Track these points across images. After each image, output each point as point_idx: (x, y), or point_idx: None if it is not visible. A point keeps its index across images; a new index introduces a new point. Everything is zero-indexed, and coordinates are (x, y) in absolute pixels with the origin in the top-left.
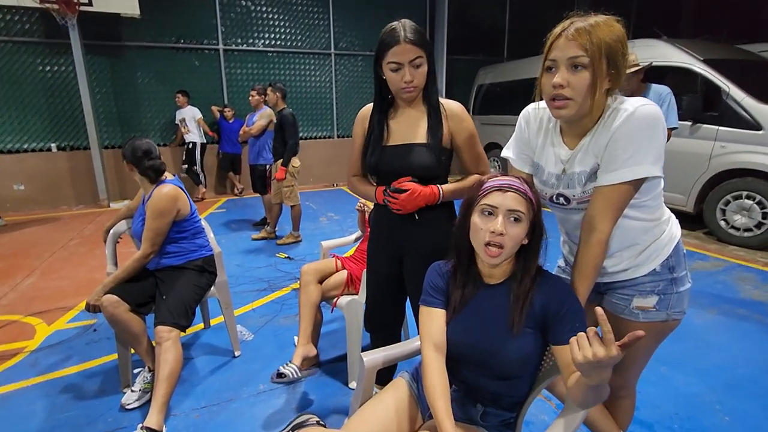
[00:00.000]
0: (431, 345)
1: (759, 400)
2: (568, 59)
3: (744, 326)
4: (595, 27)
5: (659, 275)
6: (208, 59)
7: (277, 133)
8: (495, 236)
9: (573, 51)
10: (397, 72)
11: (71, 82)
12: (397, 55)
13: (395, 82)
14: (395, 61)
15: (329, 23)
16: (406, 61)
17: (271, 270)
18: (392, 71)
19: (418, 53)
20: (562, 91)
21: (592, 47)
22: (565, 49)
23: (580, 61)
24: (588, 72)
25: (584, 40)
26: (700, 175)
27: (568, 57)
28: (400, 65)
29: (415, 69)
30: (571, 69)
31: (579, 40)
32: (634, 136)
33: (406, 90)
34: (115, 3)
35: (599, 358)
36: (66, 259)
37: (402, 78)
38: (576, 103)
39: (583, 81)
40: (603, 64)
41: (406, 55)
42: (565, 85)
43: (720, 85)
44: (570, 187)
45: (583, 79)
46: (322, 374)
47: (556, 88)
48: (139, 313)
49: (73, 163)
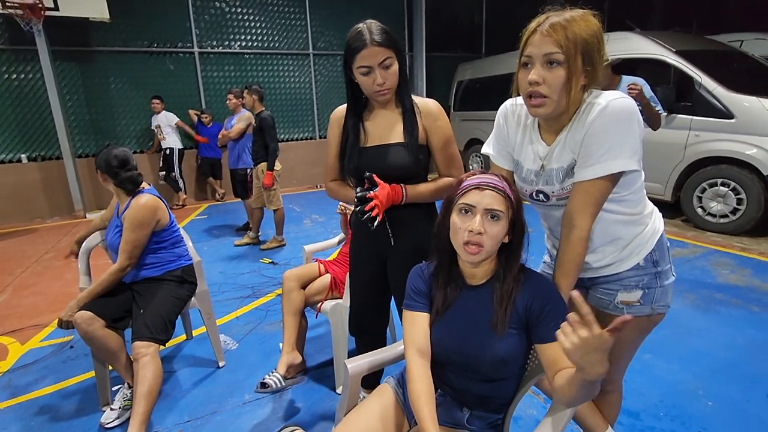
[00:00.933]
0: (415, 350)
1: (739, 383)
2: (543, 56)
3: (722, 311)
4: (570, 22)
5: (643, 269)
6: (183, 63)
7: (257, 136)
8: (473, 235)
9: (548, 47)
10: (368, 75)
11: (40, 90)
12: (366, 58)
13: (368, 86)
14: (365, 65)
15: (306, 23)
16: (375, 64)
17: (254, 276)
18: (363, 75)
19: (386, 54)
20: (538, 88)
21: (568, 43)
22: (540, 46)
23: (555, 58)
24: (563, 69)
25: (559, 36)
26: (676, 164)
27: (543, 53)
28: (370, 68)
29: (385, 70)
30: (546, 65)
31: (554, 36)
32: (608, 131)
33: (380, 93)
34: (83, 7)
35: (585, 339)
36: (40, 273)
37: (374, 81)
38: (552, 100)
39: (559, 78)
40: (578, 61)
41: (375, 58)
42: (541, 82)
43: (692, 76)
44: (549, 184)
45: (559, 76)
46: (309, 380)
47: (532, 85)
48: (115, 329)
49: (45, 173)
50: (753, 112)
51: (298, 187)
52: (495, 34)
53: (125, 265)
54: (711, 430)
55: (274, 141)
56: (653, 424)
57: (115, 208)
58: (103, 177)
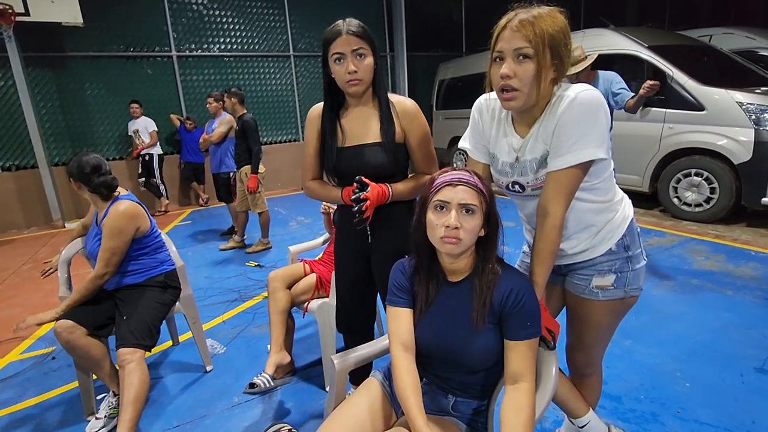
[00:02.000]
0: (399, 345)
1: (715, 364)
2: (513, 50)
3: (698, 295)
4: (538, 18)
5: (615, 254)
6: (161, 67)
7: (240, 139)
8: (450, 230)
9: (518, 42)
10: (341, 63)
11: (12, 98)
12: (339, 46)
13: (340, 75)
14: (338, 51)
15: (286, 25)
16: (348, 51)
17: (241, 279)
18: (336, 63)
19: (360, 44)
20: (510, 81)
21: (536, 38)
22: (510, 41)
23: (524, 52)
24: (533, 63)
25: (528, 32)
26: (652, 156)
27: (513, 48)
28: (342, 55)
29: (358, 59)
30: (516, 59)
31: (523, 32)
32: (577, 122)
33: (351, 82)
34: (55, 12)
35: None
36: (19, 285)
37: (346, 69)
38: (523, 93)
39: (529, 71)
40: (547, 55)
41: (348, 46)
42: (512, 75)
43: (665, 70)
44: (523, 175)
45: (529, 69)
46: (299, 380)
47: (504, 78)
48: (98, 336)
49: (20, 183)
50: (722, 104)
51: (282, 190)
52: (475, 32)
53: (102, 272)
54: (689, 409)
55: (257, 144)
56: (634, 406)
57: (94, 215)
58: (77, 185)
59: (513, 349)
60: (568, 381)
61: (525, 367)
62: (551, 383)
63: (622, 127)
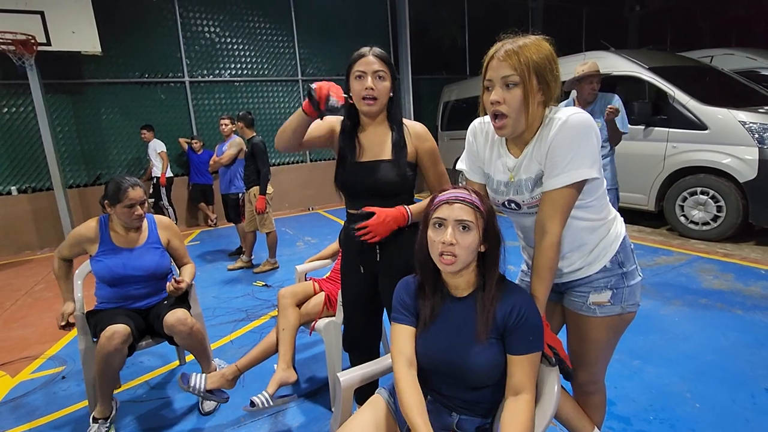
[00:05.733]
0: (403, 361)
1: (725, 385)
2: (501, 78)
3: (707, 315)
4: (522, 48)
5: (610, 271)
6: (174, 92)
7: (249, 161)
8: (446, 246)
9: (504, 71)
10: (361, 80)
11: (31, 123)
12: (362, 65)
13: (357, 91)
14: (360, 69)
15: (294, 51)
16: (369, 71)
17: (248, 299)
18: (356, 80)
19: (381, 67)
20: (499, 107)
21: (521, 66)
22: (497, 69)
23: (511, 80)
24: (519, 89)
25: (513, 61)
26: (657, 175)
27: (501, 77)
28: (363, 73)
29: (377, 80)
30: (504, 87)
31: (509, 61)
32: (569, 143)
33: (366, 100)
34: (76, 41)
35: None
36: (30, 305)
37: (364, 86)
38: (512, 119)
39: (516, 98)
40: (533, 81)
41: (371, 66)
42: (501, 101)
43: (666, 91)
44: (519, 193)
45: (516, 96)
46: (305, 400)
47: (494, 104)
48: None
49: (35, 205)
50: (725, 124)
51: (290, 210)
52: (478, 55)
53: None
54: (700, 431)
55: (266, 165)
56: (644, 428)
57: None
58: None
59: (515, 363)
60: (572, 400)
61: (526, 380)
62: (553, 400)
63: (627, 146)
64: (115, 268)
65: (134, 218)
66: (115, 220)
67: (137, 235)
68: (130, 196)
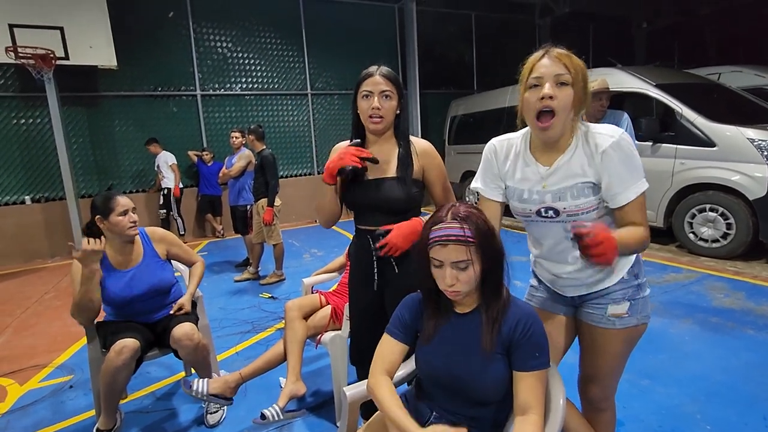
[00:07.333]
0: (382, 366)
1: (736, 406)
2: (554, 76)
3: (718, 334)
4: (570, 53)
5: (627, 282)
6: (185, 105)
7: (258, 173)
8: (449, 287)
9: (558, 69)
10: (367, 99)
11: (47, 134)
12: (369, 85)
13: (364, 110)
14: (367, 89)
15: (304, 65)
16: (377, 91)
17: (254, 311)
18: (363, 99)
19: (388, 86)
20: (550, 102)
21: (574, 67)
22: (550, 67)
23: (564, 79)
24: (570, 89)
25: (566, 61)
26: (665, 191)
27: (554, 74)
28: (370, 93)
29: (384, 99)
30: (556, 85)
31: (563, 60)
32: (630, 159)
33: (372, 118)
34: (93, 56)
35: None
36: (40, 314)
37: (370, 105)
38: (560, 118)
39: (568, 96)
40: (579, 85)
41: (378, 86)
42: (554, 95)
43: (673, 107)
44: (561, 200)
45: (567, 94)
46: (311, 414)
47: (545, 99)
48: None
49: (47, 214)
50: (734, 141)
51: (297, 222)
52: (485, 71)
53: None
54: None
55: (275, 178)
56: None
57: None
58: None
59: (521, 381)
60: (580, 415)
61: (533, 398)
62: (559, 415)
63: None
64: (120, 293)
65: (130, 225)
66: (110, 238)
67: (133, 252)
68: (121, 203)
